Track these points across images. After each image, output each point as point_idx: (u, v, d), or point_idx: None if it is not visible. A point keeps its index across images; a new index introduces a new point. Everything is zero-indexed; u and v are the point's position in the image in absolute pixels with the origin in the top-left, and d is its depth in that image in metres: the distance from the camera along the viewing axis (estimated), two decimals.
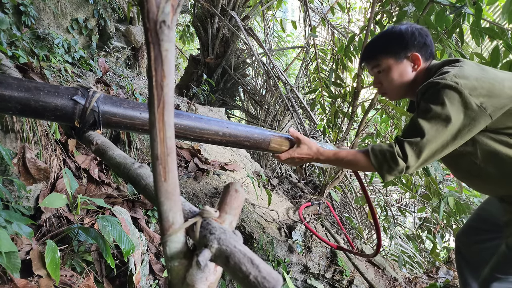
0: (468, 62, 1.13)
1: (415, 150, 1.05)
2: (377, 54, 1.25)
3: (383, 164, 1.11)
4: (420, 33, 1.19)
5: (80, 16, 2.79)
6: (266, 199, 2.52)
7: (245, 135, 1.16)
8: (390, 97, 1.33)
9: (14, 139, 1.57)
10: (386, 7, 2.31)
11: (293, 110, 3.69)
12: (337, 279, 2.27)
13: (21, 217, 1.29)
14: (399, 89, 1.26)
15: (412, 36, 1.18)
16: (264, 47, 4.09)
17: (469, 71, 1.05)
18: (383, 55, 1.23)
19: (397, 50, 1.20)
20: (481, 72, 1.06)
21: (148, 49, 0.34)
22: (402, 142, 1.07)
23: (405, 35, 1.18)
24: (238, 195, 0.52)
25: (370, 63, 1.28)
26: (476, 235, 1.48)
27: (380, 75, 1.26)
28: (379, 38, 1.26)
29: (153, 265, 1.71)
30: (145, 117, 0.96)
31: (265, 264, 0.39)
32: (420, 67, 1.20)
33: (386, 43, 1.23)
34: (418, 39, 1.19)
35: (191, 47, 7.32)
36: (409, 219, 4.25)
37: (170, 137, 0.39)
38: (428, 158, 1.07)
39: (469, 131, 1.04)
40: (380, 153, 1.12)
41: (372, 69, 1.29)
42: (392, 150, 1.08)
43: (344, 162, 1.22)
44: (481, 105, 1.01)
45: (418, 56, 1.19)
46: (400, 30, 1.20)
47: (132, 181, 0.72)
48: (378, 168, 1.13)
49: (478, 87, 1.01)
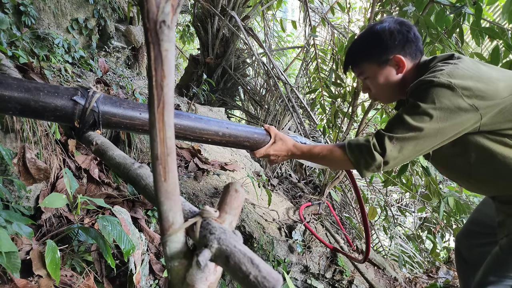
0: (463, 58, 1.07)
1: (395, 145, 1.00)
2: (358, 61, 1.20)
3: (360, 159, 1.06)
4: (400, 31, 1.12)
5: (80, 16, 2.79)
6: (266, 199, 2.52)
7: (245, 135, 1.16)
8: (382, 101, 1.30)
9: (14, 139, 1.57)
10: (386, 7, 2.31)
11: (293, 110, 3.69)
12: (337, 279, 2.27)
13: (21, 217, 1.29)
14: (388, 93, 1.22)
15: (391, 37, 1.12)
16: (264, 47, 4.09)
17: (464, 70, 1.01)
18: (364, 62, 1.18)
19: (377, 55, 1.14)
20: (476, 71, 1.02)
21: (148, 49, 0.34)
22: (382, 136, 1.02)
23: (383, 37, 1.12)
24: (238, 195, 0.52)
25: (354, 70, 1.24)
26: (475, 239, 1.46)
27: (367, 81, 1.22)
28: (357, 43, 1.21)
29: (153, 265, 1.71)
30: (145, 117, 0.96)
31: (265, 264, 0.39)
32: (406, 67, 1.14)
33: (365, 48, 1.17)
34: (398, 39, 1.12)
35: (191, 47, 7.32)
36: (409, 219, 4.25)
37: (170, 137, 0.39)
38: (411, 154, 1.02)
39: (457, 129, 1.00)
40: (356, 147, 1.07)
41: (358, 76, 1.25)
42: (368, 144, 1.04)
43: (320, 157, 1.17)
44: (473, 104, 0.97)
45: (401, 58, 1.13)
46: (377, 31, 1.14)
47: (132, 181, 0.72)
48: (355, 163, 1.08)
49: (472, 87, 0.98)
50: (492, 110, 0.99)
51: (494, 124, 1.02)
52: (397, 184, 2.60)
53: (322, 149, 1.17)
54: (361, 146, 1.06)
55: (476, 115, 0.98)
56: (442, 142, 1.03)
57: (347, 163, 1.11)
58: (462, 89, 0.97)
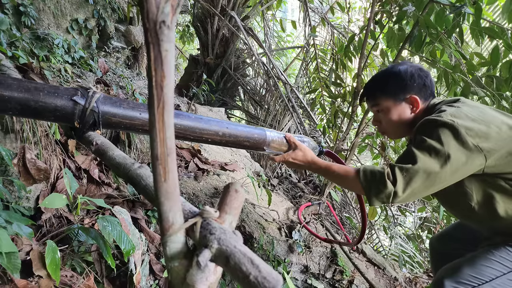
0: (467, 102, 1.13)
1: (405, 177, 1.01)
2: (375, 94, 1.26)
3: (371, 185, 1.07)
4: (420, 75, 1.19)
5: (80, 16, 2.79)
6: (266, 199, 2.52)
7: (245, 135, 1.16)
8: (389, 136, 1.34)
9: (14, 139, 1.57)
10: (386, 7, 2.31)
11: (293, 110, 3.69)
12: (337, 279, 2.27)
13: (21, 217, 1.29)
14: (398, 129, 1.27)
15: (412, 78, 1.18)
16: (264, 47, 4.10)
17: (467, 111, 1.05)
18: (381, 96, 1.23)
19: (395, 92, 1.20)
20: (479, 114, 1.05)
21: (148, 50, 0.34)
22: (393, 167, 1.04)
23: (404, 77, 1.19)
24: (238, 195, 0.52)
25: (369, 102, 1.30)
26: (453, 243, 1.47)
27: (379, 114, 1.27)
28: (378, 77, 1.27)
29: (153, 265, 1.71)
30: (145, 118, 0.96)
31: (265, 264, 0.40)
32: (419, 108, 1.20)
33: (385, 83, 1.23)
34: (417, 81, 1.19)
35: (191, 47, 7.32)
36: (409, 219, 4.25)
37: (170, 138, 0.39)
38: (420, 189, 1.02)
39: (463, 169, 1.01)
40: (370, 173, 1.09)
41: (372, 107, 1.30)
42: (383, 172, 1.05)
43: (334, 175, 1.20)
44: (477, 145, 0.99)
45: (417, 98, 1.19)
46: (399, 71, 1.20)
47: (132, 181, 0.72)
48: (366, 187, 1.08)
49: (474, 128, 1.00)
50: (496, 152, 1.01)
51: (498, 166, 1.03)
52: None
53: (338, 169, 1.19)
54: (375, 172, 1.07)
55: (480, 155, 1.00)
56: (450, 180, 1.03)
57: (357, 186, 1.12)
58: (465, 128, 0.99)
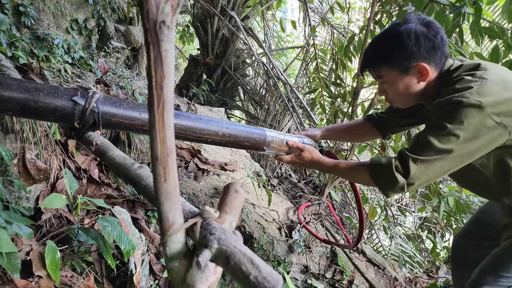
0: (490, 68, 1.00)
1: (419, 167, 0.97)
2: (377, 64, 1.11)
3: (382, 180, 1.04)
4: (427, 36, 1.01)
5: (79, 16, 2.79)
6: (266, 199, 2.52)
7: (245, 135, 1.16)
8: (398, 105, 1.21)
9: (14, 139, 1.57)
10: (386, 7, 2.31)
11: (293, 110, 3.69)
12: (337, 279, 2.27)
13: (21, 217, 1.29)
14: (407, 100, 1.14)
15: (417, 42, 1.01)
16: (264, 47, 4.09)
17: (493, 85, 0.96)
18: (384, 66, 1.08)
19: (399, 61, 1.04)
20: (505, 87, 0.97)
21: (147, 50, 0.34)
22: (406, 157, 0.99)
23: (408, 42, 1.01)
24: (238, 195, 0.52)
25: (372, 72, 1.15)
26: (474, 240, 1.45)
27: (385, 85, 1.14)
28: (379, 43, 1.10)
29: (153, 265, 1.71)
30: (145, 118, 0.96)
31: (265, 264, 0.40)
32: (430, 76, 1.05)
33: (387, 51, 1.07)
34: (424, 45, 1.01)
35: (191, 47, 7.31)
36: (409, 218, 4.25)
37: (170, 138, 0.39)
38: (437, 174, 0.99)
39: (485, 148, 0.97)
40: (378, 168, 1.05)
41: (376, 78, 1.17)
42: (390, 166, 1.00)
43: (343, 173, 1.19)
44: (501, 122, 0.94)
45: (425, 66, 1.03)
46: (401, 34, 1.02)
47: (132, 181, 0.72)
48: (378, 184, 1.06)
49: (501, 104, 0.94)
50: None
51: None
52: None
53: (346, 167, 1.17)
54: (383, 167, 1.03)
55: (505, 132, 0.96)
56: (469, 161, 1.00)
57: (370, 182, 1.09)
58: (491, 107, 0.93)
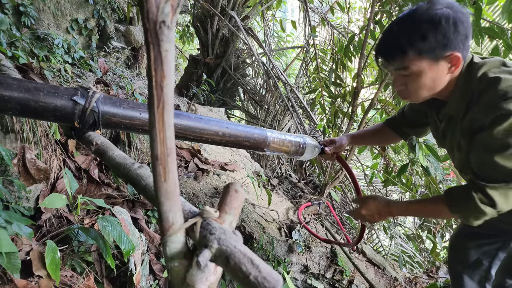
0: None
1: (501, 192, 0.90)
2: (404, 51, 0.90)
3: (469, 216, 0.98)
4: (462, 21, 0.86)
5: (79, 16, 2.79)
6: (266, 199, 2.52)
7: (245, 135, 1.16)
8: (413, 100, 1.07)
9: (14, 139, 1.57)
10: (386, 7, 2.31)
11: (293, 110, 3.69)
12: (337, 279, 2.27)
13: (21, 217, 1.29)
14: (428, 95, 1.00)
15: (456, 30, 0.85)
16: (264, 47, 4.09)
17: None
18: (413, 55, 0.90)
19: (433, 49, 0.88)
20: None
21: (147, 50, 0.34)
22: (483, 188, 0.91)
23: (447, 29, 0.85)
24: (238, 195, 0.52)
25: (392, 62, 0.95)
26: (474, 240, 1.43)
27: (407, 78, 0.96)
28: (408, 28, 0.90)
29: (153, 265, 1.71)
30: (145, 118, 0.96)
31: (265, 264, 0.40)
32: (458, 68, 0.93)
33: (420, 37, 0.87)
34: (461, 32, 0.86)
35: (191, 47, 7.31)
36: (409, 219, 4.25)
37: (170, 138, 0.39)
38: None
39: None
40: (461, 205, 0.98)
41: (395, 70, 0.97)
42: (474, 201, 0.93)
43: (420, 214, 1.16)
44: None
45: (459, 57, 0.89)
46: (440, 20, 0.85)
47: (132, 181, 0.72)
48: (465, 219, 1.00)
49: None
50: None
51: None
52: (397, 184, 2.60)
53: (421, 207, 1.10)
54: (466, 203, 0.96)
55: None
56: None
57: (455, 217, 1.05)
58: None
